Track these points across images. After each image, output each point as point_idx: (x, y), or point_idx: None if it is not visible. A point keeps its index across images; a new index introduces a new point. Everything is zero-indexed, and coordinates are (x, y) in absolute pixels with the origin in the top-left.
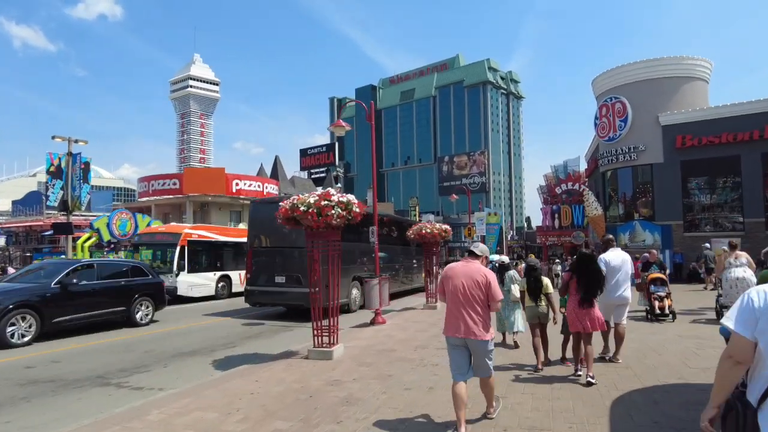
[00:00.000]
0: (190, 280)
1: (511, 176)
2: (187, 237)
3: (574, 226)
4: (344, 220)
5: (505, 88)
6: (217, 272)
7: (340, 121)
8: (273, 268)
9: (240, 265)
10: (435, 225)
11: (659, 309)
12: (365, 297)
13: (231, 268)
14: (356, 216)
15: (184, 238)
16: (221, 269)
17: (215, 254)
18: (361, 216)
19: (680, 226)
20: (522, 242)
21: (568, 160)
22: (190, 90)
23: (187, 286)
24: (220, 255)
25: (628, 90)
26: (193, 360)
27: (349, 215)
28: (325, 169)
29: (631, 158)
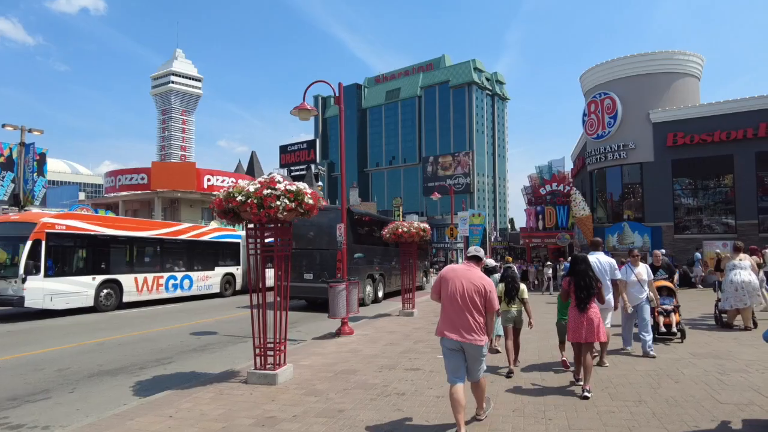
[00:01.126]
0: (50, 286)
1: (495, 178)
2: (47, 228)
3: (558, 227)
4: (295, 214)
5: (490, 89)
6: (98, 276)
7: (305, 104)
8: (301, 267)
9: (144, 268)
10: (413, 224)
11: (665, 326)
12: (329, 304)
13: (123, 271)
14: (309, 209)
15: (41, 229)
16: (106, 272)
17: (96, 252)
18: (316, 209)
19: (670, 227)
20: (506, 244)
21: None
22: (171, 86)
23: (43, 295)
24: (104, 254)
25: (617, 86)
26: (111, 381)
27: (301, 208)
28: (305, 167)
29: (620, 156)
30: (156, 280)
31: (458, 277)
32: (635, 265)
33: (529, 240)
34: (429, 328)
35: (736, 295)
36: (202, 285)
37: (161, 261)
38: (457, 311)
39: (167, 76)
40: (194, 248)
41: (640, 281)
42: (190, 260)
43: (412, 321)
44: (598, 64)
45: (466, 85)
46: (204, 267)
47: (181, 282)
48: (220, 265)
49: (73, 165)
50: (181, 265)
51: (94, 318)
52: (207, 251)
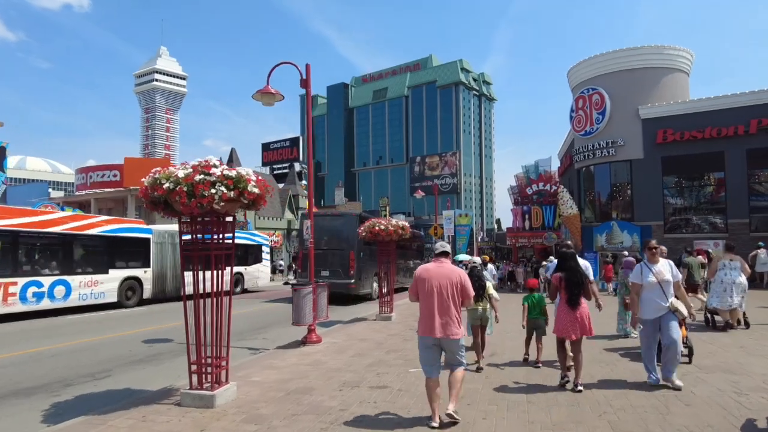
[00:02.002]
0: None
1: (482, 178)
2: None
3: (545, 227)
4: (237, 205)
5: (477, 90)
6: None
7: (269, 87)
8: (318, 265)
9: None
10: (391, 221)
11: None
12: (293, 309)
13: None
14: (254, 199)
15: None
16: None
17: None
18: (264, 200)
19: (660, 226)
20: (492, 244)
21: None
22: (155, 84)
23: None
24: None
25: (606, 81)
26: (21, 404)
27: (244, 198)
28: (288, 165)
29: (609, 154)
30: (4, 289)
31: (432, 276)
32: (653, 261)
33: (515, 240)
34: (405, 334)
35: (723, 296)
36: (88, 293)
37: (13, 262)
38: (434, 309)
39: (151, 74)
40: (74, 245)
41: (662, 283)
42: (67, 261)
43: (388, 326)
44: (586, 59)
45: (453, 85)
46: (93, 269)
47: (51, 290)
48: (118, 266)
49: (54, 164)
50: (52, 267)
51: None
52: (96, 249)
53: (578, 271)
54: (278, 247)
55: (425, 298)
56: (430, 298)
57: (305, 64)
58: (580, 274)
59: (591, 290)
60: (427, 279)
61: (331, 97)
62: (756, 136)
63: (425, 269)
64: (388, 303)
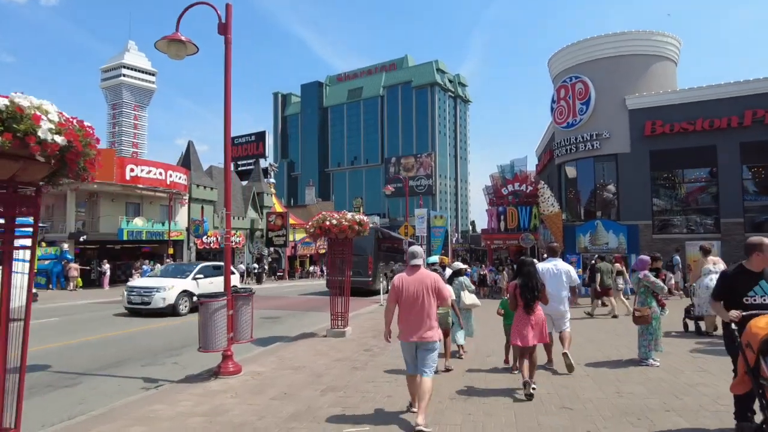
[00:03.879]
0: None
1: (457, 180)
2: None
3: (520, 228)
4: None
5: (452, 91)
6: None
7: (179, 34)
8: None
9: None
10: (346, 215)
11: None
12: (200, 330)
13: None
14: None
15: None
16: None
17: None
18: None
19: (649, 226)
20: (467, 246)
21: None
22: (122, 79)
23: None
24: None
25: (590, 68)
26: None
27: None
28: (253, 161)
29: (593, 147)
30: None
31: (409, 284)
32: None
33: (490, 242)
34: (356, 359)
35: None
36: None
37: None
38: (412, 315)
39: (118, 69)
40: None
41: None
42: None
43: (338, 346)
44: (569, 45)
45: (428, 86)
46: None
47: None
48: None
49: None
50: None
51: None
52: None
53: (534, 277)
54: (240, 248)
55: (403, 305)
56: (407, 305)
57: (226, 3)
58: (536, 280)
59: (546, 296)
60: (404, 287)
61: (305, 95)
62: (750, 128)
63: (401, 278)
64: (342, 315)
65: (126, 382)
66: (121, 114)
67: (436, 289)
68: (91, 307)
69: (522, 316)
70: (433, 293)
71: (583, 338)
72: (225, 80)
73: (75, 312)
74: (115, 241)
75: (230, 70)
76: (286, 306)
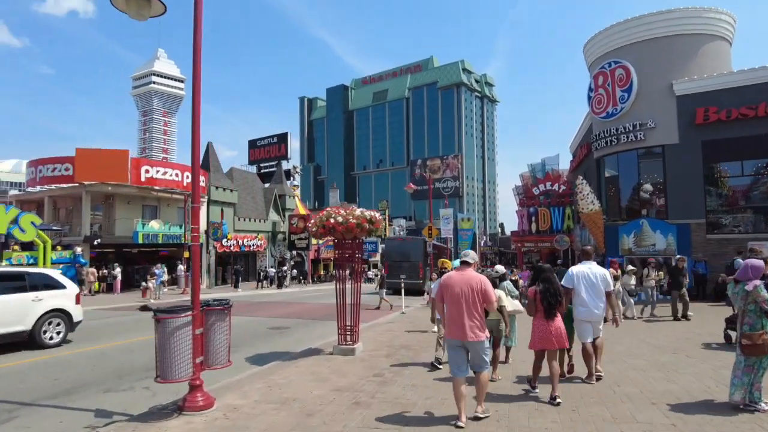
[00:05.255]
0: None
1: (485, 181)
2: None
3: (553, 230)
4: None
5: (479, 91)
6: None
7: None
8: (399, 271)
9: None
10: (354, 211)
11: None
12: (157, 354)
13: None
14: None
15: None
16: None
17: None
18: None
19: (702, 225)
20: (495, 249)
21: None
22: (152, 86)
23: None
24: None
25: (632, 52)
26: None
27: None
28: (275, 163)
29: (636, 138)
30: None
31: (456, 283)
32: None
33: (521, 244)
34: (362, 388)
35: None
36: None
37: None
38: (458, 314)
39: (148, 76)
40: None
41: None
42: None
43: (343, 368)
44: (607, 27)
45: (454, 87)
46: None
47: None
48: None
49: None
50: None
51: None
52: None
53: (555, 283)
54: (261, 252)
55: (450, 304)
56: (454, 303)
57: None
58: (557, 286)
59: (565, 304)
60: (450, 286)
61: (331, 99)
62: None
63: (449, 277)
64: (351, 330)
65: (72, 416)
66: (152, 120)
67: (482, 290)
68: (88, 315)
69: (542, 322)
70: (479, 294)
71: (644, 360)
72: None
73: None
74: (131, 245)
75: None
76: (300, 313)
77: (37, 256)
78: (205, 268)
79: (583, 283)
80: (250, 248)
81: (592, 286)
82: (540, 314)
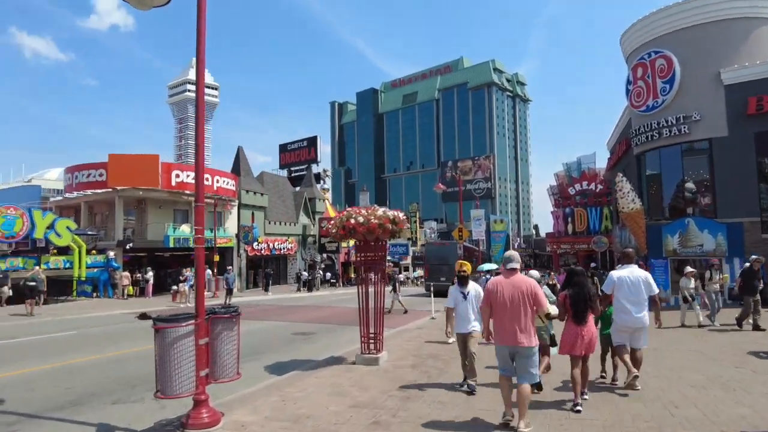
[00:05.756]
0: None
1: (518, 182)
2: None
3: (590, 231)
4: None
5: (510, 91)
6: None
7: None
8: (439, 274)
9: None
10: (376, 211)
11: None
12: (157, 367)
13: None
14: None
15: None
16: None
17: None
18: None
19: (756, 224)
20: (530, 251)
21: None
22: (187, 94)
23: None
24: None
25: (673, 41)
26: None
27: None
28: (305, 166)
29: (680, 132)
30: None
31: (504, 288)
32: None
33: (556, 246)
34: (384, 404)
35: None
36: None
37: None
38: (507, 319)
39: (183, 85)
40: None
41: None
42: None
43: (365, 380)
44: (645, 16)
45: (485, 86)
46: None
47: None
48: None
49: None
50: None
51: None
52: None
53: (585, 287)
54: (292, 255)
55: (498, 309)
56: (502, 309)
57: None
58: (588, 290)
59: (597, 307)
60: (499, 291)
61: (361, 103)
62: None
63: (497, 281)
64: (375, 337)
65: (74, 430)
66: (187, 128)
67: (532, 294)
68: (112, 319)
69: (572, 326)
70: (530, 298)
71: (703, 376)
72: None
73: (96, 324)
74: (163, 249)
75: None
76: (327, 318)
77: (72, 261)
78: (236, 271)
79: (624, 288)
80: (281, 251)
81: (634, 292)
82: (570, 319)
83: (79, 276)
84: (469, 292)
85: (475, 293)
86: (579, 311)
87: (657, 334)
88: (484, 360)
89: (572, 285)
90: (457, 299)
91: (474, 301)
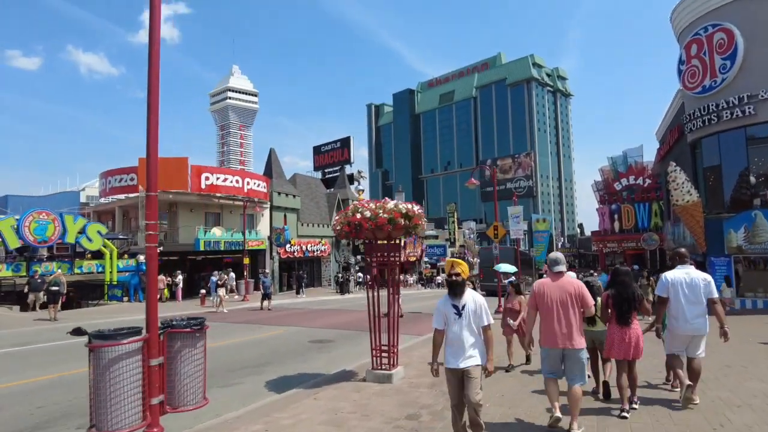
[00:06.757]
0: None
1: (561, 180)
2: None
3: (638, 229)
4: None
5: (551, 85)
6: None
7: None
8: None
9: None
10: (386, 204)
11: None
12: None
13: None
14: None
15: None
16: None
17: None
18: None
19: None
20: (574, 250)
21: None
22: (228, 101)
23: None
24: None
25: (734, 11)
26: None
27: None
28: (338, 168)
29: (743, 114)
30: None
31: (551, 290)
32: None
33: (602, 245)
34: None
35: None
36: None
37: None
38: (554, 320)
39: (224, 92)
40: None
41: None
42: None
43: (372, 403)
44: None
45: (524, 82)
46: None
47: None
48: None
49: None
50: None
51: None
52: None
53: (629, 287)
54: (326, 257)
55: (544, 311)
56: (548, 310)
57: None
58: (631, 290)
59: (646, 307)
60: (545, 293)
61: (397, 104)
62: None
63: (542, 283)
64: (389, 350)
65: None
66: (228, 134)
67: (579, 295)
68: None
69: (615, 328)
70: (577, 300)
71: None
72: None
73: None
74: (194, 252)
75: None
76: (349, 323)
77: (104, 264)
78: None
79: (680, 291)
80: (314, 254)
81: (690, 295)
82: (614, 321)
83: (111, 280)
84: (465, 305)
85: (474, 307)
86: (622, 312)
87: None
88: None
89: (616, 285)
90: (447, 317)
91: (473, 319)
